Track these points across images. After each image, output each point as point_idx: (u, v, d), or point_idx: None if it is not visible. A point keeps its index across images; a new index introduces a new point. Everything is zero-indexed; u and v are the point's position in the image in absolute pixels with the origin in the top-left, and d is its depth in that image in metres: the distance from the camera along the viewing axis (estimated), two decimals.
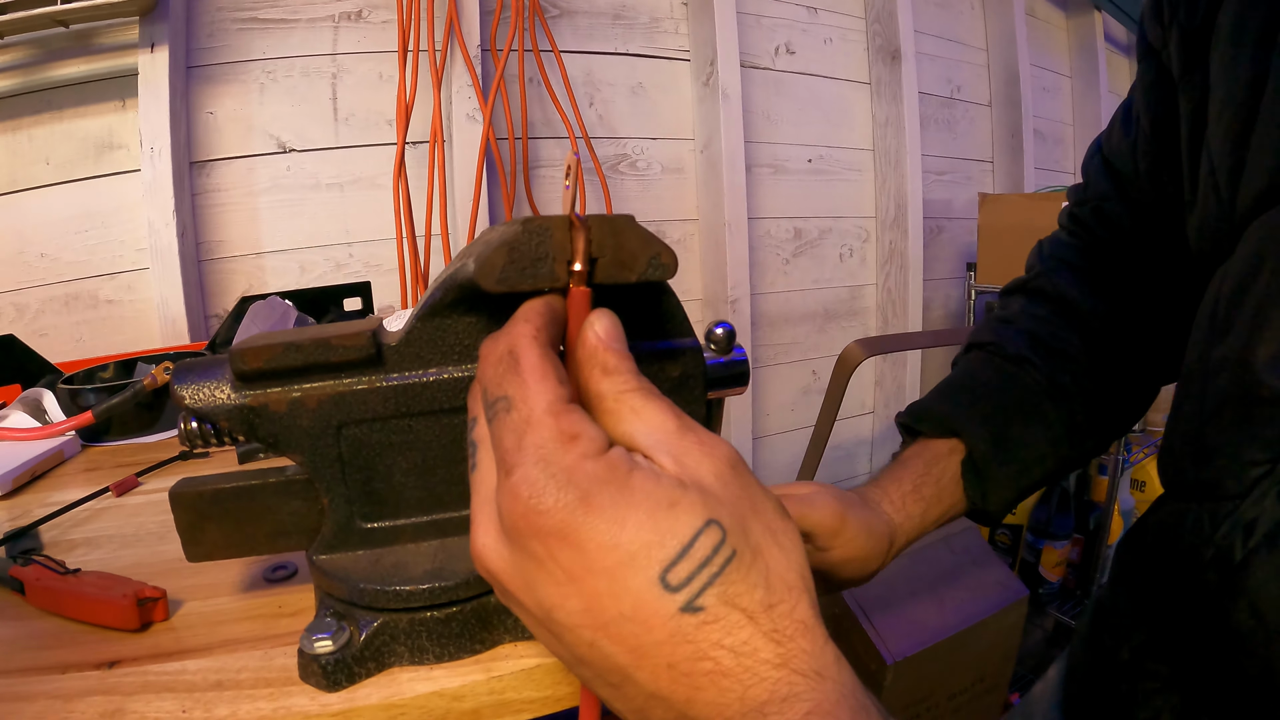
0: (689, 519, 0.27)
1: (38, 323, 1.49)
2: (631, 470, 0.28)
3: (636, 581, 0.27)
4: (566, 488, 0.27)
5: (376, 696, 0.40)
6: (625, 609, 0.27)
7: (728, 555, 0.27)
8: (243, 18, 1.54)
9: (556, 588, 0.28)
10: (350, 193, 1.65)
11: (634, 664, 0.28)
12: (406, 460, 0.43)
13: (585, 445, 0.28)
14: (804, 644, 0.27)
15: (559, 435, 0.28)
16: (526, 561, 0.28)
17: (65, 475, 0.79)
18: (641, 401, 0.31)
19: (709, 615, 0.27)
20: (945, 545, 1.86)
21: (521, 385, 0.29)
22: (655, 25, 1.93)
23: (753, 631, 0.27)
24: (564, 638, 0.29)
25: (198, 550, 0.45)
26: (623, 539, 0.27)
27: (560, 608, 0.28)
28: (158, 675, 0.42)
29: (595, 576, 0.27)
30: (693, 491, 0.28)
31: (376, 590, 0.41)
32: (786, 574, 0.29)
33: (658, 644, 0.27)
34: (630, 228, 0.36)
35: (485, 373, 0.31)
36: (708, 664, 0.27)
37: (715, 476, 0.29)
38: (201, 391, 0.41)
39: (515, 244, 0.34)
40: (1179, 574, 0.49)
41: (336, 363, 0.40)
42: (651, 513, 0.27)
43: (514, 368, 0.30)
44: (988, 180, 2.73)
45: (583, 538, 0.27)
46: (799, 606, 0.28)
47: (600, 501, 0.27)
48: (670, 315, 0.43)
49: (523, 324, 0.32)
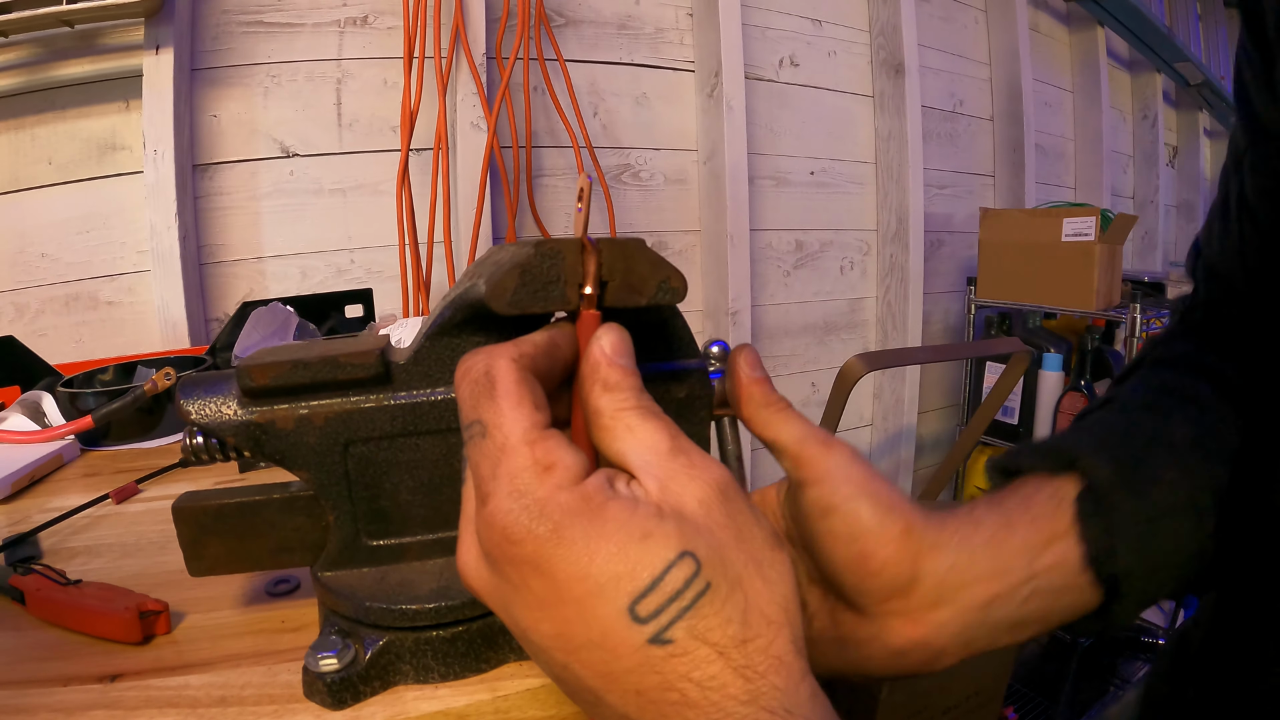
0: (662, 550, 0.27)
1: (37, 323, 1.48)
2: (607, 501, 0.28)
3: (605, 611, 0.27)
4: (539, 519, 0.27)
5: (382, 715, 0.40)
6: (594, 636, 0.27)
7: (701, 588, 0.27)
8: (248, 21, 1.54)
9: (529, 612, 0.28)
10: (353, 198, 1.65)
11: (604, 688, 0.28)
12: (413, 478, 0.43)
13: (560, 475, 0.28)
14: (776, 680, 0.27)
15: (533, 464, 0.28)
16: (503, 584, 0.29)
17: (64, 480, 0.79)
18: (638, 420, 0.31)
19: (677, 648, 0.26)
20: None
21: (496, 411, 0.29)
22: (660, 36, 1.93)
23: (722, 667, 0.26)
24: (540, 658, 0.30)
25: (200, 565, 0.45)
26: (593, 570, 0.27)
27: (534, 629, 0.28)
28: (160, 690, 0.42)
29: (565, 605, 0.27)
30: (669, 521, 0.28)
31: (382, 608, 0.41)
32: (767, 608, 0.28)
33: (626, 671, 0.27)
34: (640, 252, 0.36)
35: (462, 392, 0.31)
36: (674, 695, 0.26)
37: (699, 503, 0.29)
38: (208, 407, 0.41)
39: (528, 266, 0.34)
40: None
41: (344, 380, 0.40)
42: (623, 544, 0.27)
43: (489, 391, 0.30)
44: (989, 194, 2.74)
45: (554, 568, 0.27)
46: (776, 641, 0.27)
47: (572, 534, 0.27)
48: (676, 336, 0.43)
49: (506, 346, 0.32)
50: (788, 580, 0.29)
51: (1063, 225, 2.11)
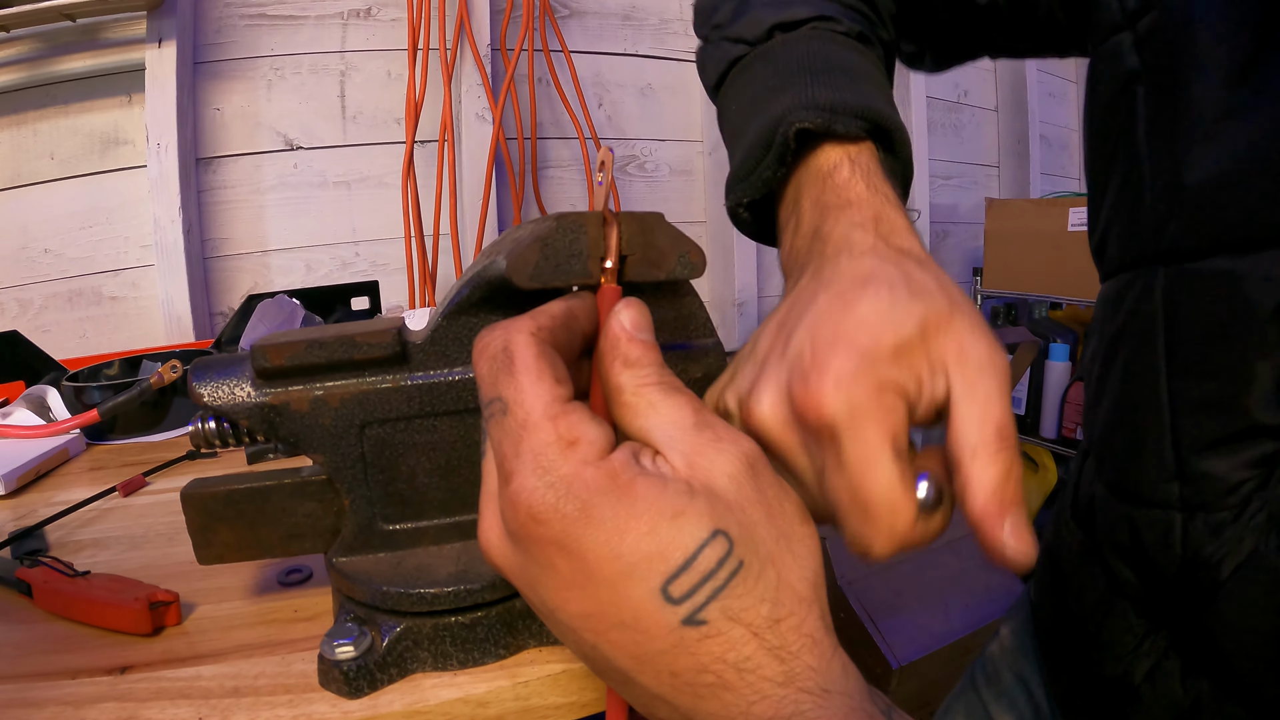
0: (694, 529, 0.26)
1: (41, 319, 1.48)
2: (635, 478, 0.27)
3: (638, 592, 0.26)
4: (566, 498, 0.26)
5: (400, 703, 0.39)
6: (626, 618, 0.26)
7: (734, 567, 0.26)
8: (251, 14, 1.53)
9: (557, 592, 0.27)
10: (357, 191, 1.64)
11: (636, 669, 0.27)
12: (430, 460, 0.42)
13: (585, 450, 0.27)
14: (810, 660, 0.26)
15: (557, 441, 0.27)
16: (529, 563, 0.28)
17: (70, 474, 0.78)
18: (660, 396, 0.30)
19: (711, 629, 0.26)
20: (951, 550, 1.85)
21: (516, 387, 0.28)
22: (664, 27, 1.92)
23: (756, 648, 0.26)
24: (567, 637, 0.29)
25: (209, 553, 0.44)
26: (624, 550, 0.26)
27: (561, 609, 0.28)
28: (171, 681, 0.41)
29: (595, 586, 0.26)
30: (700, 499, 0.27)
31: (400, 594, 0.40)
32: (797, 585, 0.28)
33: (659, 653, 0.26)
34: (660, 226, 0.35)
35: (481, 369, 0.30)
36: (710, 677, 0.26)
37: (729, 478, 0.28)
38: (221, 389, 0.40)
39: (549, 240, 0.33)
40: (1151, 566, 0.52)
41: (360, 361, 0.39)
42: (654, 523, 0.26)
43: (508, 367, 0.29)
44: (994, 185, 2.73)
45: (583, 549, 0.26)
46: (807, 620, 0.27)
47: (601, 513, 0.26)
48: (692, 316, 0.43)
49: (523, 319, 0.31)
50: (816, 555, 0.29)
51: (1068, 215, 2.10)
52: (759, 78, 0.53)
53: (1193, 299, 0.48)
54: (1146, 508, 0.52)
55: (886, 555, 0.30)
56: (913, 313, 0.32)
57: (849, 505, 0.30)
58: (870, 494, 0.29)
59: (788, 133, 0.45)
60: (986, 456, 0.29)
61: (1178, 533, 0.50)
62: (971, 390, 0.30)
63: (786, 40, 0.54)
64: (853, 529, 0.30)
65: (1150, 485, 0.52)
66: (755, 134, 0.48)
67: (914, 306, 0.32)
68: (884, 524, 0.29)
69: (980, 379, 0.31)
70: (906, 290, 0.33)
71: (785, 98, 0.47)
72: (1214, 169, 0.46)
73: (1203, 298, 0.47)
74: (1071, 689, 0.65)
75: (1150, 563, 0.53)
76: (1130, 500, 0.54)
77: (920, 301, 0.32)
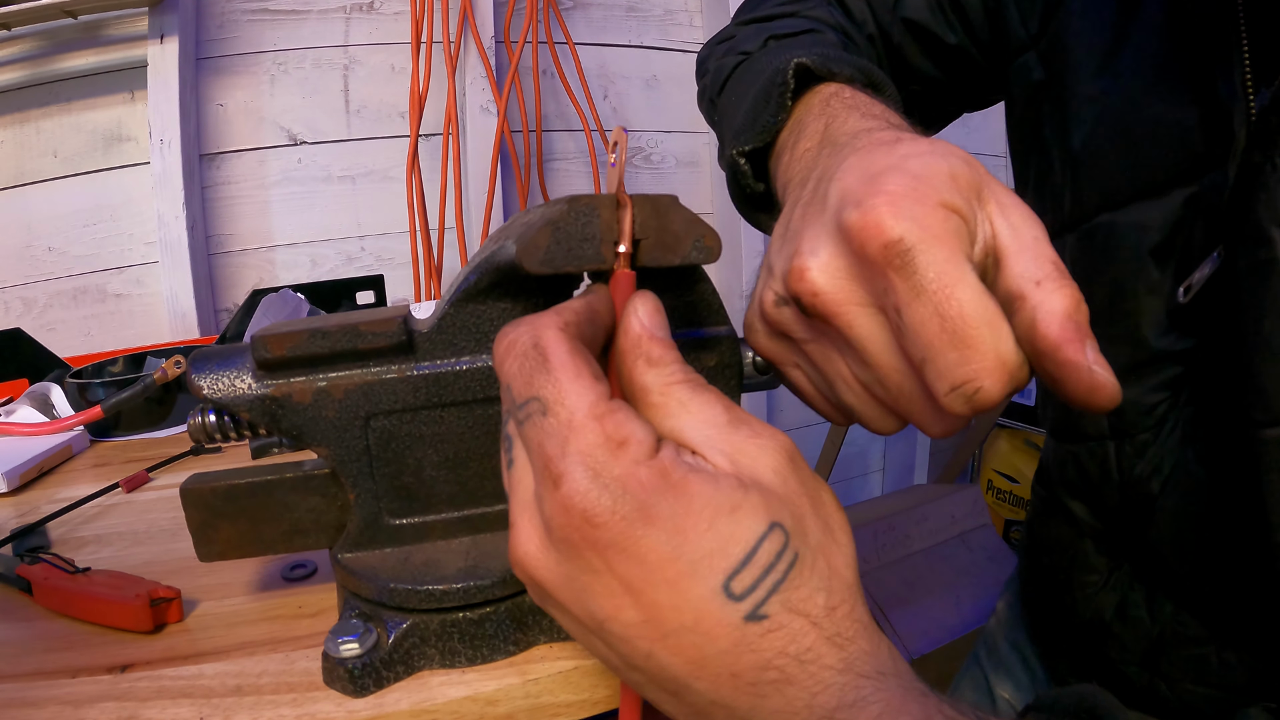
0: (751, 524, 0.26)
1: (45, 317, 1.47)
2: (687, 474, 0.26)
3: (699, 592, 0.25)
4: (622, 499, 0.25)
5: (406, 702, 0.38)
6: (687, 620, 0.25)
7: (791, 559, 0.26)
8: (253, 9, 1.52)
9: (611, 599, 0.26)
10: (362, 185, 1.63)
11: (693, 674, 0.26)
12: (437, 453, 0.41)
13: (635, 450, 0.26)
14: (864, 645, 0.26)
15: (606, 441, 0.26)
16: (579, 572, 0.27)
17: (73, 471, 0.77)
18: (689, 394, 0.29)
19: (773, 623, 0.25)
20: (962, 543, 1.85)
21: (555, 385, 0.27)
22: (669, 18, 1.90)
23: (816, 637, 0.26)
24: (618, 648, 0.27)
25: (210, 549, 0.43)
26: (685, 549, 0.25)
27: (614, 619, 0.27)
28: (173, 680, 0.41)
29: (655, 589, 0.25)
30: (754, 493, 0.26)
31: (407, 590, 0.39)
32: (844, 571, 0.27)
33: (720, 654, 0.26)
34: (674, 209, 0.34)
35: (508, 368, 0.29)
36: (773, 673, 0.25)
37: (773, 472, 0.27)
38: (220, 381, 0.39)
39: (560, 223, 0.32)
40: (1099, 497, 0.61)
41: (365, 350, 0.38)
42: (712, 520, 0.25)
43: (543, 364, 0.28)
44: (1001, 176, 2.70)
45: (643, 550, 0.25)
46: (857, 607, 0.27)
47: (659, 511, 0.25)
48: (705, 302, 0.42)
49: (549, 315, 0.29)
50: (852, 539, 0.29)
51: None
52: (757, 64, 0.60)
53: (1092, 252, 0.56)
54: (1085, 441, 0.60)
55: (999, 392, 0.27)
56: (953, 153, 0.31)
57: (939, 336, 0.27)
58: (964, 311, 0.27)
59: (787, 71, 0.49)
60: (1053, 285, 0.28)
61: (1113, 460, 0.58)
62: (1020, 234, 0.29)
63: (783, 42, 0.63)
64: (949, 368, 0.27)
65: (1083, 421, 0.60)
66: (756, 91, 0.53)
67: (951, 153, 0.31)
68: (988, 345, 0.27)
69: (1027, 225, 0.29)
70: (941, 146, 0.31)
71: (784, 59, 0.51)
72: (1090, 142, 0.56)
73: (1098, 249, 0.56)
74: (1053, 642, 0.71)
75: (1096, 492, 0.60)
76: (1071, 439, 0.62)
77: (956, 154, 0.31)
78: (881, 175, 0.30)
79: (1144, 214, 0.52)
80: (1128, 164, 0.53)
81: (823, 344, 0.35)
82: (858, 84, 0.49)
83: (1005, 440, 2.40)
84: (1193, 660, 0.56)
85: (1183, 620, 0.56)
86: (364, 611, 0.41)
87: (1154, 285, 0.52)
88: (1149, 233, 0.52)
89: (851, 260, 0.30)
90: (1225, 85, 0.47)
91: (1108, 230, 0.55)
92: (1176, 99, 0.51)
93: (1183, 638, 0.56)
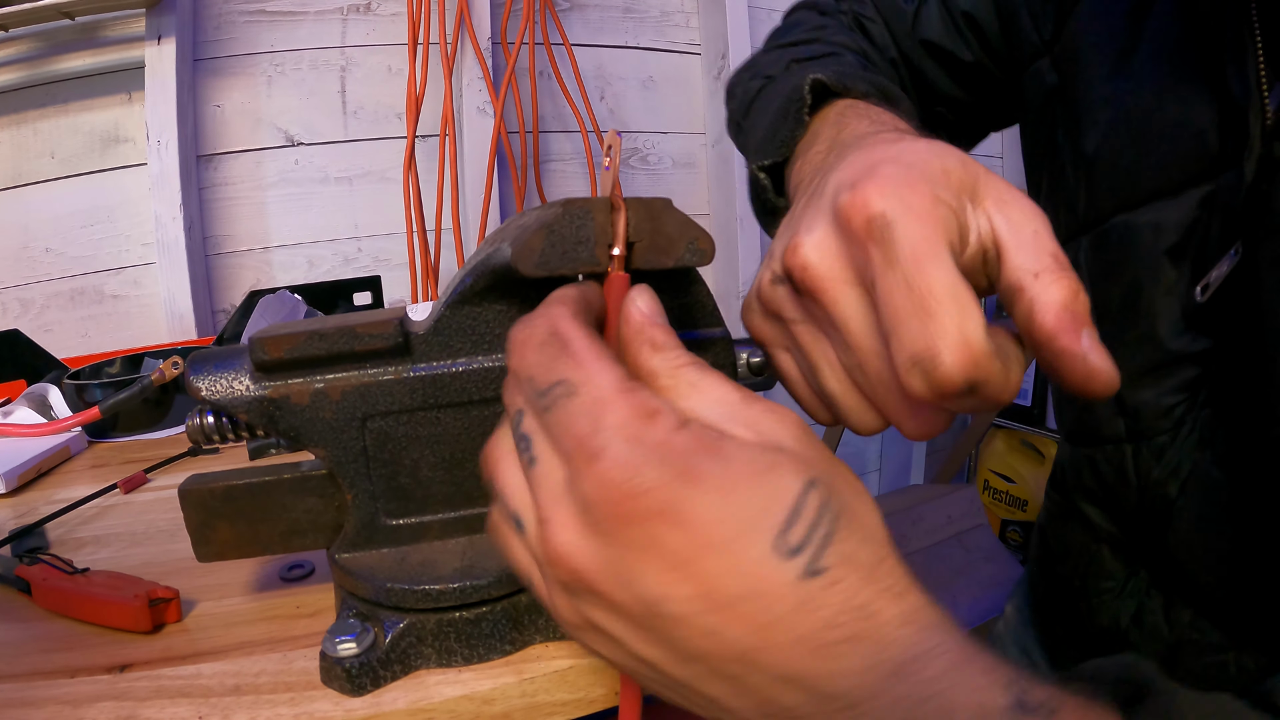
0: (791, 479, 0.26)
1: (43, 318, 1.47)
2: (719, 439, 0.26)
3: (754, 552, 0.25)
4: (664, 463, 0.25)
5: (403, 701, 0.38)
6: (745, 586, 0.25)
7: (836, 512, 0.26)
8: (250, 10, 1.52)
9: (663, 575, 0.25)
10: (359, 186, 1.63)
11: (760, 645, 0.25)
12: (434, 454, 0.41)
13: (667, 419, 0.26)
14: (914, 599, 0.26)
15: (638, 412, 0.26)
16: (624, 554, 0.26)
17: (71, 472, 0.77)
18: (698, 375, 0.29)
19: (832, 576, 0.25)
20: (958, 543, 1.85)
21: (579, 367, 0.27)
22: (666, 19, 1.91)
23: (874, 590, 0.25)
24: (673, 633, 0.26)
25: (208, 550, 0.43)
26: (732, 508, 0.25)
27: (669, 598, 0.25)
28: (171, 679, 0.41)
29: (707, 555, 0.25)
30: (785, 453, 0.26)
31: (404, 590, 0.39)
32: (878, 530, 0.27)
33: (784, 616, 0.25)
34: (668, 212, 0.35)
35: (527, 359, 0.29)
36: (838, 632, 0.25)
37: (795, 440, 0.27)
38: (218, 383, 0.39)
39: (555, 226, 0.32)
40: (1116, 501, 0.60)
41: (362, 352, 0.39)
42: (754, 478, 0.25)
43: (564, 350, 0.28)
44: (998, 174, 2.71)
45: (691, 514, 0.25)
46: (900, 561, 0.27)
47: (702, 471, 0.25)
48: (699, 304, 0.42)
49: (558, 305, 0.30)
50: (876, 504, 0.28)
51: None
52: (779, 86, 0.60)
53: (1107, 254, 0.56)
54: (1101, 445, 0.60)
55: (959, 371, 0.27)
56: (950, 153, 0.32)
57: (904, 306, 0.28)
58: (932, 284, 0.27)
59: (804, 87, 0.50)
60: (1050, 277, 0.28)
61: (1130, 463, 0.57)
62: (1019, 229, 0.30)
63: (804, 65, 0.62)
64: (910, 338, 0.28)
65: (1099, 424, 0.60)
66: (776, 109, 0.54)
67: (949, 152, 0.32)
68: (951, 321, 0.27)
69: (1026, 220, 0.30)
70: (939, 146, 0.33)
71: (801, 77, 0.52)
72: (1104, 145, 0.56)
73: (1113, 251, 0.56)
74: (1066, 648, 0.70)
75: (1113, 497, 0.60)
76: (1087, 442, 0.62)
77: (953, 154, 0.32)
78: (877, 165, 0.31)
79: (1159, 214, 0.53)
80: (1142, 165, 0.54)
81: (811, 326, 0.36)
82: (873, 99, 0.50)
83: (1002, 440, 2.41)
84: (1211, 668, 0.55)
85: (1201, 627, 0.55)
86: (361, 611, 0.41)
87: (1170, 286, 0.52)
88: (1164, 233, 0.52)
89: (842, 239, 0.31)
90: (1239, 84, 0.48)
91: (1122, 232, 0.55)
92: (1190, 99, 0.51)
93: (1201, 645, 0.55)
